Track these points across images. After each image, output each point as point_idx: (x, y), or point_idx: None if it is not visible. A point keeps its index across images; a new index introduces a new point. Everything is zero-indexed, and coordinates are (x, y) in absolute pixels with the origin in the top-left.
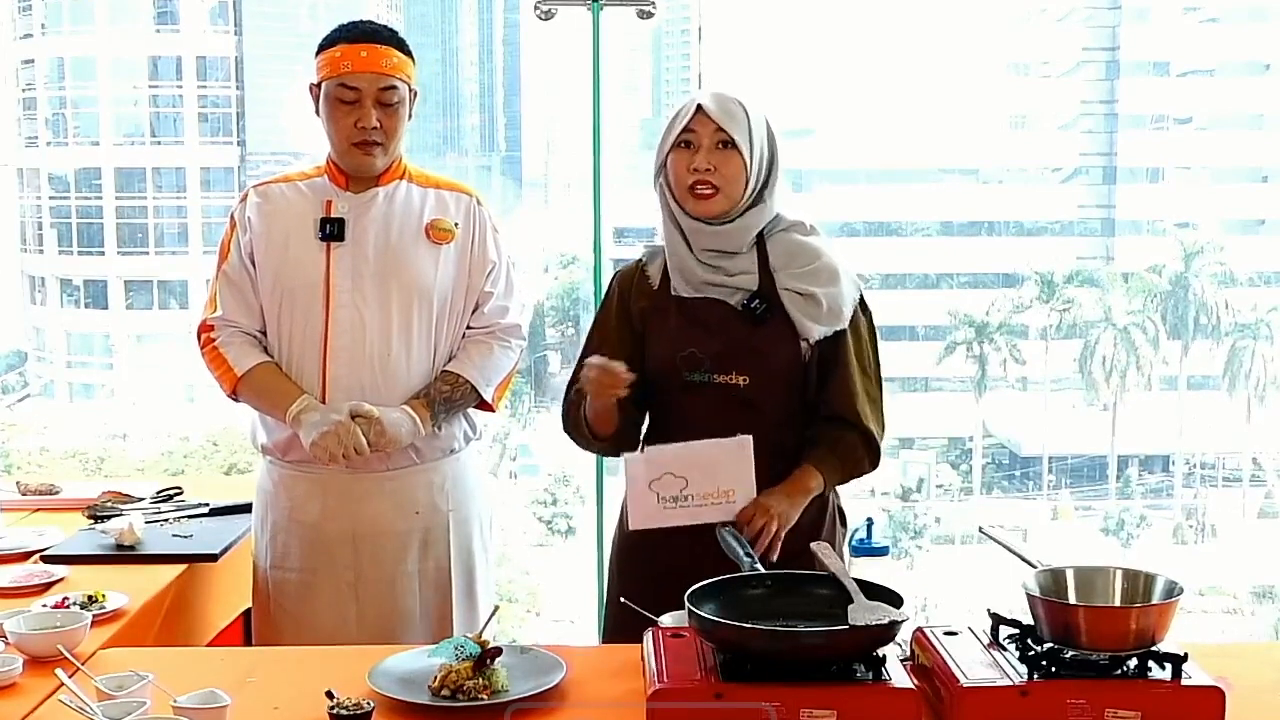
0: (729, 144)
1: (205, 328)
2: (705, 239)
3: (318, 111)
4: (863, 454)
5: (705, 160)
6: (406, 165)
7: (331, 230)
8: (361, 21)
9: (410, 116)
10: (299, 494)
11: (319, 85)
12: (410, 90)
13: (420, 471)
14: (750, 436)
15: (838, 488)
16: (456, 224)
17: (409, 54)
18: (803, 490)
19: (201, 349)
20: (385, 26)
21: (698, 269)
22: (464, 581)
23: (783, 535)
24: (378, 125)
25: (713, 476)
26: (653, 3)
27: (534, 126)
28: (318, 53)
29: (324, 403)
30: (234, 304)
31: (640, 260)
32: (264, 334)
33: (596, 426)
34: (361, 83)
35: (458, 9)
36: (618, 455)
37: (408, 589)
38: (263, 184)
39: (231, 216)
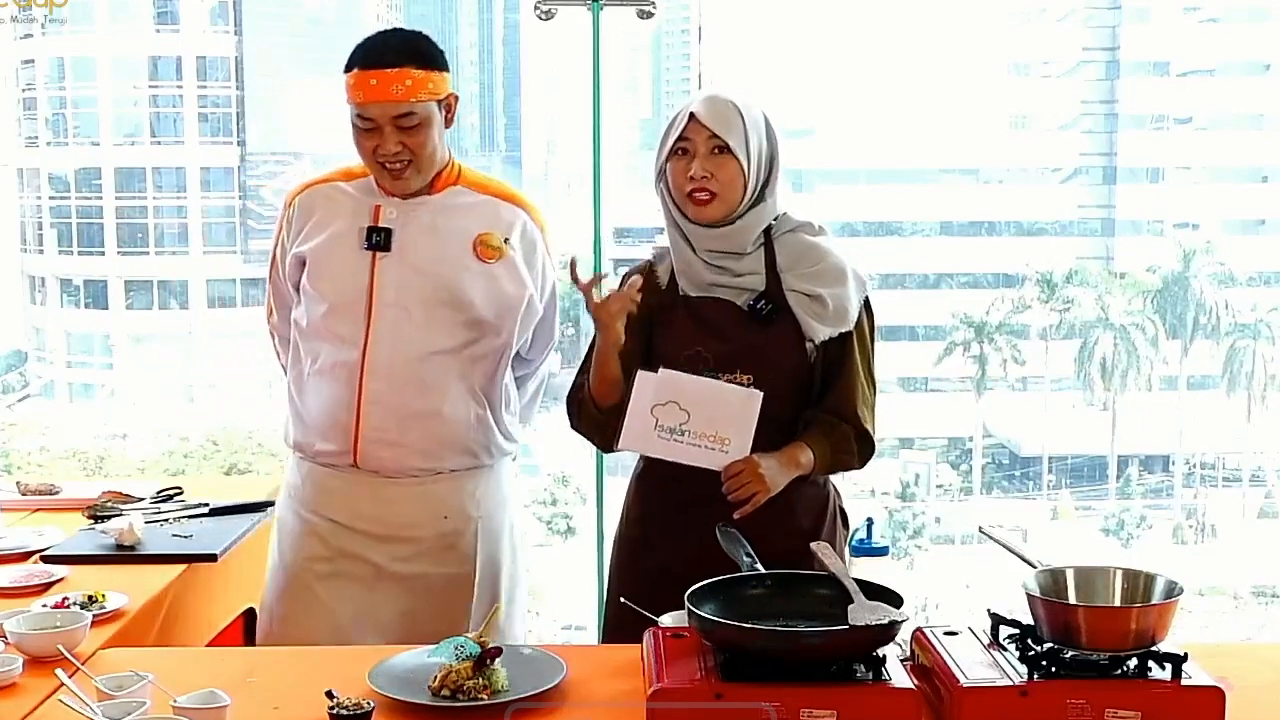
0: (724, 149)
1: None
2: (708, 241)
3: None
4: (854, 448)
5: (701, 167)
6: (461, 168)
7: (378, 240)
8: (376, 37)
9: (450, 123)
10: (328, 491)
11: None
12: (440, 103)
13: (455, 479)
14: (761, 393)
15: (837, 489)
16: (507, 240)
17: (433, 64)
18: (794, 463)
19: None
20: (403, 40)
21: (703, 271)
22: (486, 588)
23: (762, 501)
24: (400, 148)
25: (715, 419)
26: (653, 3)
27: (534, 126)
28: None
29: (359, 420)
30: (280, 315)
31: (650, 260)
32: None
33: (599, 395)
34: (373, 112)
35: (458, 9)
36: (611, 450)
37: (427, 590)
38: (308, 186)
39: (278, 223)
